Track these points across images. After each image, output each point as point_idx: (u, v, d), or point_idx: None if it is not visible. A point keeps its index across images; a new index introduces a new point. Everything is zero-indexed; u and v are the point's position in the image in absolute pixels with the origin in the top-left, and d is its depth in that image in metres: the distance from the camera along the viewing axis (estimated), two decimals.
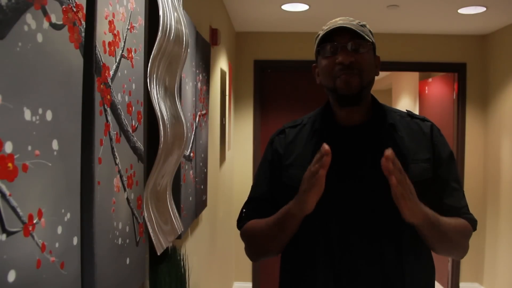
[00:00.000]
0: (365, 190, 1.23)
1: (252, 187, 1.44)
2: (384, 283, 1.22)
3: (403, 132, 1.30)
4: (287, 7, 3.41)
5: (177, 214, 1.62)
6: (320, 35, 1.29)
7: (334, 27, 1.24)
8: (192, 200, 1.99)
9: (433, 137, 1.32)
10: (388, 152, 1.09)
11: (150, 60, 1.26)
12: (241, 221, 1.40)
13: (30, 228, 0.68)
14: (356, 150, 1.28)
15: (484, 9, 3.36)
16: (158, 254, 1.37)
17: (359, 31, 1.23)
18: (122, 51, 1.06)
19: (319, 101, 1.36)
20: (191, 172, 1.95)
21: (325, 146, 1.11)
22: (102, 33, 0.95)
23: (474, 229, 1.31)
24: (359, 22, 1.28)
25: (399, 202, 1.11)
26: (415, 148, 1.29)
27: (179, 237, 1.75)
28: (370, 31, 1.30)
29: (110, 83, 0.99)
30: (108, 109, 0.98)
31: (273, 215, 1.28)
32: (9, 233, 0.63)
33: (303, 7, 3.40)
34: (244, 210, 1.41)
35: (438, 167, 1.30)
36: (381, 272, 1.22)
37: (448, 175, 1.31)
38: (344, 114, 1.30)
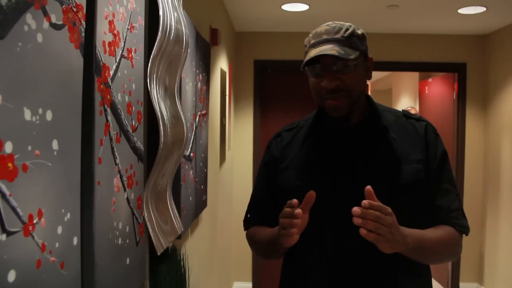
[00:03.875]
0: (359, 196, 1.22)
1: (253, 191, 1.49)
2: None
3: (397, 133, 1.28)
4: (287, 7, 3.41)
5: (177, 214, 1.62)
6: (305, 57, 1.22)
7: (316, 53, 1.16)
8: (192, 200, 1.99)
9: (427, 137, 1.29)
10: (363, 205, 1.05)
11: (150, 60, 1.26)
12: (246, 224, 1.48)
13: (30, 228, 0.68)
14: (350, 152, 1.27)
15: (484, 9, 3.36)
16: (158, 254, 1.37)
17: (342, 55, 1.15)
18: (122, 51, 1.06)
19: None
20: (191, 172, 1.95)
21: (294, 200, 1.10)
22: (102, 33, 0.95)
23: (466, 234, 1.27)
24: (347, 29, 1.19)
25: (376, 244, 1.07)
26: (408, 149, 1.26)
27: (179, 237, 1.75)
28: (359, 37, 1.21)
29: (110, 83, 0.99)
30: (108, 109, 0.98)
31: (267, 234, 1.32)
32: (9, 233, 0.63)
33: (303, 7, 3.40)
34: (248, 213, 1.48)
35: (430, 167, 1.26)
36: (375, 277, 1.22)
37: (440, 176, 1.27)
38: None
